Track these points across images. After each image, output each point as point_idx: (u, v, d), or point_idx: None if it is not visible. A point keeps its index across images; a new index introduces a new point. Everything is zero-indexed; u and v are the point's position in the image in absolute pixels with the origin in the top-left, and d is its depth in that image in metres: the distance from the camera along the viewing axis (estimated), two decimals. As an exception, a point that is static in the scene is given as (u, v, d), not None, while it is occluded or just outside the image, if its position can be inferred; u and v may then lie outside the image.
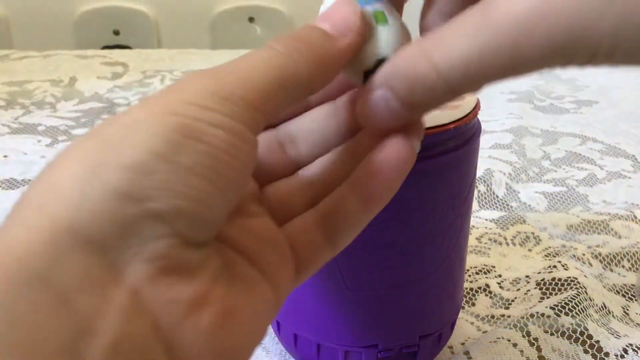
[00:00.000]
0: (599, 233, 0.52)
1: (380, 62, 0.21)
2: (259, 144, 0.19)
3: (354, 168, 0.23)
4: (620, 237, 0.51)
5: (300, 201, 0.23)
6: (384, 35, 0.21)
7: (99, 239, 0.15)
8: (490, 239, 0.51)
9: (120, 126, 0.16)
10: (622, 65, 0.17)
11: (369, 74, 0.21)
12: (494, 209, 0.56)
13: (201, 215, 0.17)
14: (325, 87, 0.21)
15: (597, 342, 0.39)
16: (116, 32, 1.48)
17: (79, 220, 0.15)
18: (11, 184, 0.61)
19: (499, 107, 0.80)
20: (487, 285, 0.45)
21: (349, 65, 0.21)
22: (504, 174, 0.62)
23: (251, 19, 1.51)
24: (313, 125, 0.24)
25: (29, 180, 0.62)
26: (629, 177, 0.62)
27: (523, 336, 0.39)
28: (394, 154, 0.22)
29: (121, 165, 0.16)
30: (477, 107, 0.30)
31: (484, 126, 0.74)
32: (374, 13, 0.21)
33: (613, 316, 0.42)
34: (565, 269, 0.45)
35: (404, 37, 0.22)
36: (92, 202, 0.15)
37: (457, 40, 0.18)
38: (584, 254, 0.48)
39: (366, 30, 0.21)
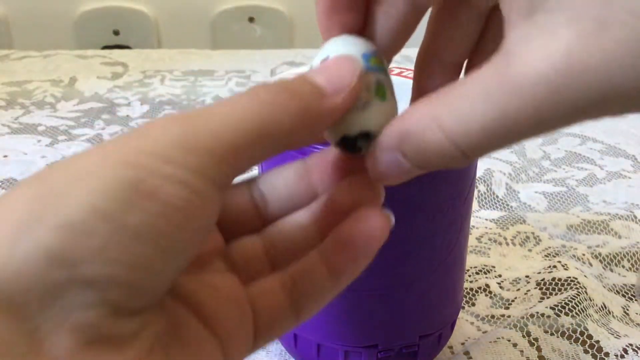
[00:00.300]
0: (599, 233, 0.52)
1: (365, 135, 0.20)
2: (230, 195, 0.18)
3: (324, 230, 0.21)
4: (620, 237, 0.51)
5: (266, 260, 0.22)
6: (377, 111, 0.20)
7: (22, 303, 0.14)
8: (490, 239, 0.51)
9: (67, 174, 0.15)
10: None
11: (347, 140, 0.20)
12: (494, 209, 0.56)
13: (139, 284, 0.15)
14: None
15: (597, 342, 0.39)
16: (116, 32, 1.48)
17: (3, 279, 0.14)
18: (11, 184, 0.61)
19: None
20: (487, 285, 0.45)
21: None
22: (504, 173, 0.62)
23: (251, 19, 1.51)
24: (282, 184, 0.23)
25: (29, 180, 0.62)
26: (629, 177, 0.62)
27: (523, 336, 0.39)
28: (368, 228, 0.20)
29: (57, 223, 0.14)
30: None
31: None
32: (376, 83, 0.20)
33: (613, 316, 0.42)
34: (565, 269, 0.45)
35: (394, 114, 0.20)
36: (19, 262, 0.14)
37: (470, 104, 0.16)
38: (584, 254, 0.48)
39: (361, 95, 0.20)
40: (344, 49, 0.20)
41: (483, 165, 0.62)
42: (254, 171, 0.27)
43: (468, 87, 0.17)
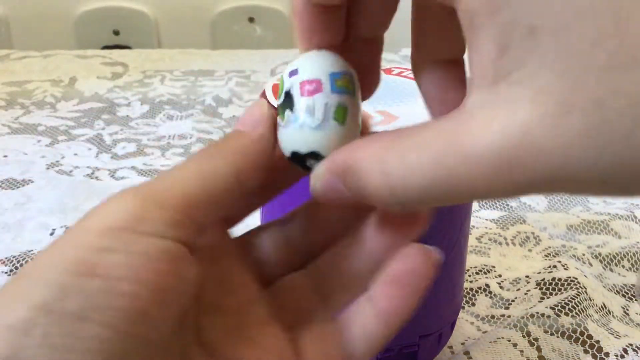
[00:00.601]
0: (599, 233, 0.52)
1: (314, 154, 0.20)
2: (260, 238, 0.19)
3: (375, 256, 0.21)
4: (620, 237, 0.51)
5: (315, 297, 0.22)
6: (331, 134, 0.20)
7: None
8: (490, 239, 0.51)
9: (20, 276, 0.16)
10: (613, 195, 0.15)
11: (297, 156, 0.20)
12: (494, 208, 0.56)
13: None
14: None
15: (597, 342, 0.39)
16: (116, 32, 1.48)
17: None
18: (11, 184, 0.61)
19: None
20: (487, 285, 0.45)
21: (280, 138, 0.21)
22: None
23: (251, 19, 1.51)
24: (324, 215, 0.23)
25: (29, 180, 0.62)
26: (629, 177, 0.62)
27: (523, 336, 0.39)
28: (411, 267, 0.21)
29: (4, 326, 0.15)
30: None
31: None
32: (336, 106, 0.20)
33: (613, 316, 0.42)
34: (565, 269, 0.45)
35: (351, 139, 0.20)
36: None
37: (418, 160, 0.16)
38: (584, 254, 0.48)
39: (315, 115, 0.20)
40: (312, 67, 0.20)
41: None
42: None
43: (422, 141, 0.16)
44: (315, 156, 0.20)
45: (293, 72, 0.20)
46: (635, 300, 0.44)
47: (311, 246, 0.23)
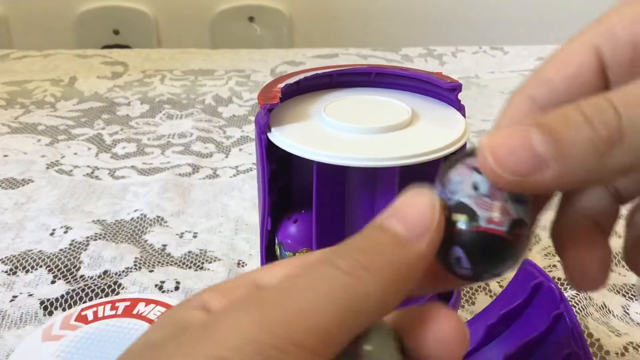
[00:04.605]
0: (599, 232, 0.52)
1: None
2: None
3: None
4: (620, 237, 0.51)
5: None
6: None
7: None
8: (490, 238, 0.51)
9: None
10: None
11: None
12: (494, 208, 0.56)
13: None
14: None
15: (598, 340, 0.39)
16: (116, 32, 1.48)
17: None
18: (11, 183, 0.61)
19: (498, 106, 0.80)
20: (487, 284, 0.45)
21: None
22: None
23: (251, 19, 1.51)
24: None
25: (29, 179, 0.62)
26: (629, 176, 0.62)
27: (523, 335, 0.39)
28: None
29: None
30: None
31: (484, 126, 0.74)
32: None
33: (613, 315, 0.42)
34: (566, 268, 0.45)
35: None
36: None
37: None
38: (584, 253, 0.47)
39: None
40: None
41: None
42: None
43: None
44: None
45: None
46: (636, 299, 0.44)
47: None
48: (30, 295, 0.44)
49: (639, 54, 0.18)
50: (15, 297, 0.44)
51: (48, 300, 0.44)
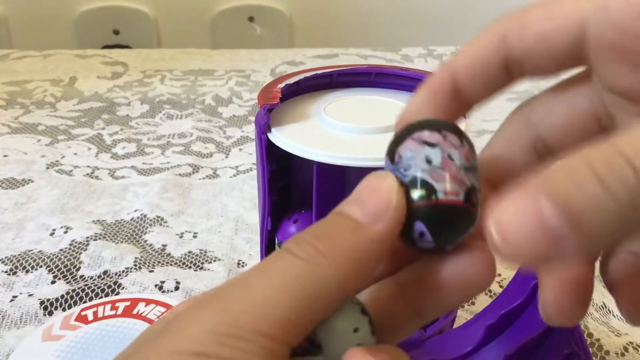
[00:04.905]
0: (599, 232, 0.52)
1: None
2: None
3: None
4: None
5: None
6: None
7: None
8: (490, 238, 0.51)
9: None
10: None
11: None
12: (494, 208, 0.56)
13: None
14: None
15: (598, 340, 0.39)
16: (116, 32, 1.48)
17: None
18: (11, 183, 0.61)
19: (499, 106, 0.80)
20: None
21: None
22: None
23: (251, 19, 1.51)
24: None
25: (29, 179, 0.62)
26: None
27: (523, 335, 0.39)
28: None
29: None
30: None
31: (484, 126, 0.74)
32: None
33: (613, 315, 0.42)
34: (566, 268, 0.45)
35: None
36: None
37: None
38: (584, 253, 0.47)
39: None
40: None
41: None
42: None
43: None
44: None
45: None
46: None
47: None
48: (30, 295, 0.44)
49: (629, 36, 0.17)
50: (15, 297, 0.44)
51: (48, 300, 0.44)
